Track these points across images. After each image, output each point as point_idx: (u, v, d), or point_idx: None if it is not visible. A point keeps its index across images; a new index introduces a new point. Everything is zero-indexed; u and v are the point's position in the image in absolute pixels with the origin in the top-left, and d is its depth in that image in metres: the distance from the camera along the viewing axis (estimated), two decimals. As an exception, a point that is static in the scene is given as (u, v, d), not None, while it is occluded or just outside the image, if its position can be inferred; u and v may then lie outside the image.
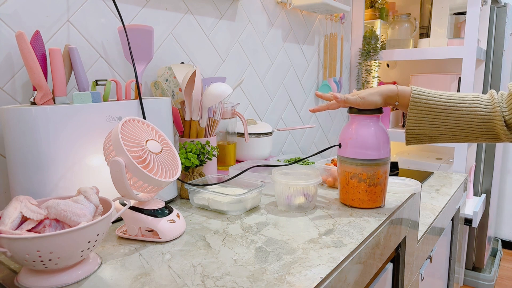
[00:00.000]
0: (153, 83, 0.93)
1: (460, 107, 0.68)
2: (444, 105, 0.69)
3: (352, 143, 0.75)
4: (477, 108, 0.68)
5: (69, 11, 0.77)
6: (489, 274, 1.97)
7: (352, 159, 0.75)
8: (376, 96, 0.72)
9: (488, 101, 0.68)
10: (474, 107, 0.68)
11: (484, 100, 0.69)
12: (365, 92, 0.74)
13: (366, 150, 0.74)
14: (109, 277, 0.52)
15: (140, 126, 0.64)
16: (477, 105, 0.68)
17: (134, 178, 0.59)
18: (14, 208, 0.52)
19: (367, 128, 0.75)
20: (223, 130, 1.07)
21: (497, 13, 1.82)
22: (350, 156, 0.75)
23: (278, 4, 1.37)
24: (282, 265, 0.54)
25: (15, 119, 0.60)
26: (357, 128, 0.76)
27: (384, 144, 0.74)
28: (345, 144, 0.76)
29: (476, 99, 0.69)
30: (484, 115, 0.67)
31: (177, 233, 0.64)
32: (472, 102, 0.68)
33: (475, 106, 0.68)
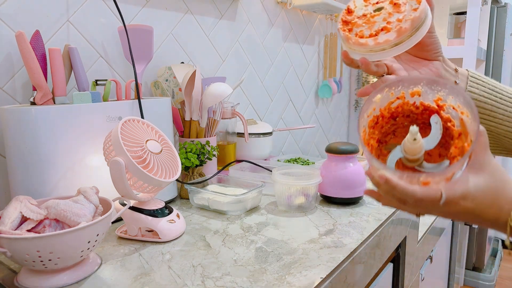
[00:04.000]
0: (153, 83, 0.93)
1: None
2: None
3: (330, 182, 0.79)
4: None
5: (68, 11, 0.77)
6: (489, 274, 1.97)
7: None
8: None
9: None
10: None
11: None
12: None
13: (343, 190, 0.78)
14: (109, 277, 0.52)
15: (140, 126, 0.63)
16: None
17: (134, 178, 0.59)
18: (14, 208, 0.52)
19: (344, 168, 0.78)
20: (223, 130, 1.07)
21: (497, 13, 1.82)
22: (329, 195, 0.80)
23: (278, 4, 1.37)
24: (282, 265, 0.54)
25: (15, 119, 0.60)
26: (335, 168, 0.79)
27: (360, 183, 0.78)
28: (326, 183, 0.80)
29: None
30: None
31: (177, 233, 0.64)
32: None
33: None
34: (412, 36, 0.44)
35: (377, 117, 0.43)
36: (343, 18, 0.48)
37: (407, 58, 0.53)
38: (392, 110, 0.43)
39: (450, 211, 0.39)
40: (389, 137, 0.45)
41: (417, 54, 0.52)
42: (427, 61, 0.52)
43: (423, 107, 0.42)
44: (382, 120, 0.43)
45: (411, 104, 0.43)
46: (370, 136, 0.43)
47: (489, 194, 0.37)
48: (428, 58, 0.52)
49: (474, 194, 0.37)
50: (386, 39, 0.44)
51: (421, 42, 0.47)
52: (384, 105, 0.43)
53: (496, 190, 0.37)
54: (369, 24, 0.46)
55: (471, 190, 0.37)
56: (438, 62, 0.52)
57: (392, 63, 0.51)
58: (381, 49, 0.45)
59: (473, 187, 0.37)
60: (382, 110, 0.43)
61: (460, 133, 0.38)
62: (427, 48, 0.51)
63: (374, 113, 0.43)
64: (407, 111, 0.43)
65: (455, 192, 0.37)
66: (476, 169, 0.38)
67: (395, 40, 0.44)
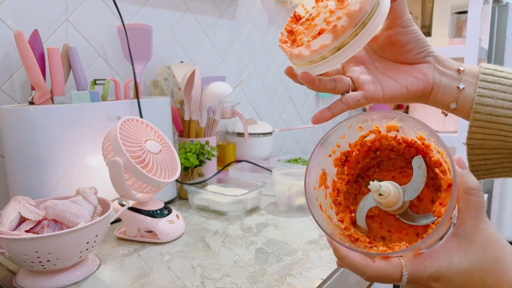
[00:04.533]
0: (152, 82, 0.92)
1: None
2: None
3: None
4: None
5: (67, 10, 0.77)
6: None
7: None
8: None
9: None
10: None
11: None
12: None
13: None
14: (108, 278, 0.52)
15: (139, 126, 0.63)
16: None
17: (133, 179, 0.59)
18: (13, 208, 0.52)
19: None
20: (222, 130, 1.06)
21: (498, 12, 1.81)
22: None
23: (278, 3, 1.37)
24: (282, 266, 0.54)
25: (13, 119, 0.60)
26: None
27: None
28: None
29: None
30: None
31: (177, 234, 0.64)
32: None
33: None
34: (359, 35, 0.35)
35: (345, 154, 0.37)
36: (287, 27, 0.40)
37: (383, 65, 0.41)
38: (368, 144, 0.37)
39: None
40: (372, 171, 0.39)
41: (396, 58, 0.40)
42: (409, 66, 0.40)
43: (405, 144, 0.35)
44: (357, 155, 0.37)
45: (391, 138, 0.36)
46: (338, 176, 0.37)
47: (476, 279, 0.29)
48: (410, 61, 0.40)
49: (452, 276, 0.29)
50: (322, 44, 0.35)
51: (394, 41, 0.38)
52: (355, 139, 0.37)
53: (485, 274, 0.28)
54: (310, 29, 0.37)
55: (446, 270, 0.29)
56: (426, 65, 0.39)
57: (360, 75, 0.40)
58: (321, 58, 0.36)
59: (450, 267, 0.28)
60: (352, 145, 0.37)
61: (450, 185, 0.31)
62: (405, 49, 0.39)
63: (339, 149, 0.37)
64: (387, 145, 0.37)
65: (424, 272, 0.29)
66: (461, 241, 0.29)
67: (333, 44, 0.34)
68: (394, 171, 0.38)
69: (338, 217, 0.36)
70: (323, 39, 0.35)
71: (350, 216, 0.37)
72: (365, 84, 0.39)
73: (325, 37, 0.34)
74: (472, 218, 0.29)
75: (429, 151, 0.34)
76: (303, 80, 0.38)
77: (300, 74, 0.38)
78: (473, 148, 0.40)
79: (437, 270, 0.29)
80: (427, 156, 0.34)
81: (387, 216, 0.36)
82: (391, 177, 0.38)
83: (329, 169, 0.37)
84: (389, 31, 0.39)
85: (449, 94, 0.40)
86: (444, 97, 0.40)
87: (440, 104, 0.41)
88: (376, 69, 0.40)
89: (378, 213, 0.37)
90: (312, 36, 0.36)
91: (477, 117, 0.38)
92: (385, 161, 0.38)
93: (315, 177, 0.36)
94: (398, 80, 0.39)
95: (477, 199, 0.29)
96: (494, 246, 0.29)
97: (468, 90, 0.39)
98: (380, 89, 0.39)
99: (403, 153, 0.37)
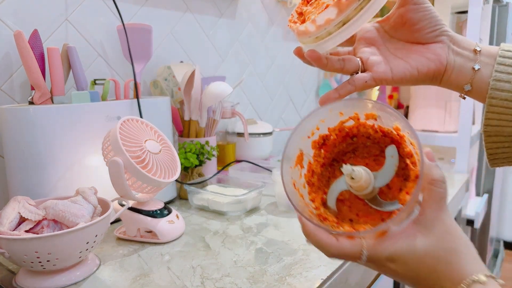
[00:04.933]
0: (152, 82, 0.92)
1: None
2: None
3: None
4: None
5: (67, 10, 0.77)
6: (490, 274, 1.97)
7: None
8: None
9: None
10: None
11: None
12: None
13: None
14: (107, 278, 0.52)
15: (139, 126, 0.63)
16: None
17: (133, 179, 0.59)
18: (12, 208, 0.52)
19: None
20: (222, 130, 1.06)
21: (498, 12, 1.81)
22: None
23: (279, 2, 1.37)
24: (282, 267, 0.54)
25: (13, 119, 0.60)
26: None
27: None
28: None
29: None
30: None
31: (177, 234, 0.64)
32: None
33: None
34: (364, 9, 0.34)
35: (323, 137, 0.38)
36: (297, 9, 0.40)
37: (395, 45, 0.39)
38: (346, 130, 0.38)
39: (377, 270, 0.33)
40: (348, 156, 0.40)
41: (408, 38, 0.38)
42: (421, 46, 0.38)
43: (381, 133, 0.36)
44: (335, 140, 0.38)
45: (368, 126, 0.37)
46: (314, 159, 0.38)
47: (428, 264, 0.30)
48: (422, 41, 0.38)
49: (407, 259, 0.30)
50: (327, 19, 0.34)
51: (406, 20, 0.37)
52: (335, 124, 0.37)
53: (438, 261, 0.30)
54: (318, 8, 0.37)
55: (403, 253, 0.30)
56: (439, 45, 0.37)
57: (370, 56, 0.38)
58: (327, 34, 0.35)
59: (407, 251, 0.30)
60: (331, 129, 0.38)
61: (418, 176, 0.32)
62: (417, 27, 0.37)
63: (318, 132, 0.37)
64: (364, 133, 0.37)
65: (382, 253, 0.31)
66: (421, 228, 0.30)
67: (338, 18, 0.34)
68: (369, 158, 0.39)
69: (310, 196, 0.38)
70: (328, 13, 0.34)
71: (322, 197, 0.38)
72: (374, 66, 0.38)
73: (330, 11, 0.34)
74: (433, 208, 0.30)
75: (403, 142, 0.34)
76: (309, 58, 0.37)
77: (307, 52, 0.37)
78: (490, 135, 0.38)
79: (394, 252, 0.30)
80: (401, 147, 0.35)
81: (356, 200, 0.37)
82: (365, 164, 0.39)
83: (306, 150, 0.38)
84: (401, 9, 0.37)
85: (464, 75, 0.37)
86: (458, 79, 0.38)
87: (454, 86, 0.38)
88: (388, 50, 0.39)
89: (349, 197, 0.38)
90: (319, 13, 0.36)
91: (493, 102, 0.36)
92: (360, 148, 0.39)
93: (293, 156, 0.37)
94: (409, 61, 0.38)
95: (440, 190, 0.30)
96: (450, 237, 0.30)
97: (484, 71, 0.37)
98: (389, 70, 0.37)
99: (378, 142, 0.38)
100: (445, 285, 0.30)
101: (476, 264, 0.30)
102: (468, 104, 1.38)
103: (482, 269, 0.30)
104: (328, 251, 0.32)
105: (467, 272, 0.29)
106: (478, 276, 0.29)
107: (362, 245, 0.31)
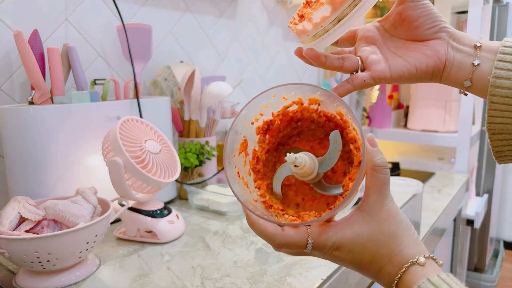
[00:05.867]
0: (152, 82, 0.92)
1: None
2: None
3: None
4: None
5: (67, 10, 0.77)
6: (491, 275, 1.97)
7: None
8: None
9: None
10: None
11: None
12: None
13: None
14: (107, 279, 0.52)
15: (139, 126, 0.63)
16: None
17: (133, 179, 0.59)
18: (12, 208, 0.52)
19: None
20: (222, 130, 1.06)
21: (499, 12, 1.81)
22: None
23: (279, 2, 1.37)
24: (282, 267, 0.54)
25: (13, 119, 0.60)
26: None
27: None
28: None
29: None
30: None
31: (176, 234, 0.64)
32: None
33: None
34: (358, 5, 0.35)
35: (267, 123, 0.38)
36: (299, 12, 0.41)
37: (395, 44, 0.39)
38: (290, 115, 0.38)
39: (322, 257, 0.33)
40: (293, 140, 0.40)
41: (407, 36, 0.38)
42: (420, 43, 0.38)
43: (325, 118, 0.37)
44: (279, 124, 0.38)
45: (312, 110, 0.37)
46: (259, 145, 0.38)
47: (371, 250, 0.31)
48: (421, 38, 0.37)
49: (351, 246, 0.31)
50: (322, 16, 0.35)
51: (404, 17, 0.37)
52: (278, 110, 0.38)
53: (379, 246, 0.31)
54: (316, 8, 0.38)
55: (347, 240, 0.31)
56: (438, 41, 0.37)
57: (370, 54, 0.38)
58: (323, 31, 0.36)
59: (351, 238, 0.31)
60: (275, 114, 0.38)
61: (360, 162, 0.32)
62: (415, 24, 0.37)
63: (262, 118, 0.38)
64: (308, 117, 0.38)
65: (327, 241, 0.31)
66: (364, 214, 0.31)
67: (333, 15, 0.35)
68: (313, 141, 0.39)
69: (255, 184, 0.38)
70: (323, 11, 0.35)
71: (267, 183, 0.38)
72: (373, 64, 0.38)
73: (325, 8, 0.35)
74: (375, 193, 0.31)
75: (347, 127, 0.35)
76: (308, 56, 0.37)
77: (305, 50, 0.37)
78: (494, 133, 0.37)
79: (338, 240, 0.31)
80: (345, 132, 0.36)
81: (302, 185, 0.38)
82: (310, 147, 0.39)
83: (250, 136, 0.38)
84: (399, 7, 0.38)
85: (463, 71, 0.37)
86: (458, 75, 0.37)
87: (454, 82, 0.38)
88: (388, 48, 0.39)
89: (295, 182, 0.39)
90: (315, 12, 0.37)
91: (494, 99, 0.35)
92: (305, 131, 0.40)
93: (235, 143, 0.37)
94: (407, 58, 0.38)
95: (382, 176, 0.31)
96: (391, 221, 0.31)
97: (484, 67, 0.36)
98: (388, 69, 0.37)
99: (323, 126, 0.39)
100: (387, 269, 0.31)
101: (416, 246, 0.31)
102: (468, 104, 1.38)
103: (422, 251, 0.31)
104: (274, 241, 0.32)
105: (407, 256, 0.30)
106: (417, 258, 0.30)
107: (308, 234, 0.32)
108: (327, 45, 0.38)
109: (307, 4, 0.41)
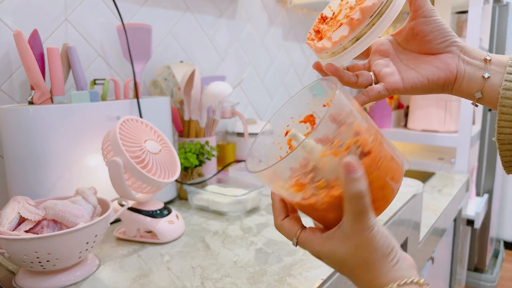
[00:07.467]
0: (152, 82, 0.92)
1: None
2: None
3: None
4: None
5: (67, 10, 0.76)
6: (491, 275, 1.97)
7: None
8: None
9: None
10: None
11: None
12: None
13: None
14: (107, 279, 0.52)
15: (139, 126, 0.63)
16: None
17: (133, 179, 0.59)
18: (12, 208, 0.52)
19: None
20: (222, 130, 1.06)
21: (499, 12, 1.81)
22: None
23: (278, 2, 1.36)
24: (282, 267, 0.54)
25: (13, 119, 0.60)
26: None
27: None
28: None
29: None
30: None
31: (176, 234, 0.64)
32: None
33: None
34: (376, 25, 0.37)
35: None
36: (314, 28, 0.43)
37: (407, 57, 0.41)
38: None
39: (315, 256, 0.36)
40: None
41: (419, 49, 0.41)
42: (432, 56, 0.40)
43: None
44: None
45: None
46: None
47: (348, 265, 0.33)
48: (433, 51, 0.40)
49: (330, 259, 0.34)
50: (341, 36, 0.38)
51: (417, 32, 0.39)
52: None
53: (355, 267, 0.33)
54: (333, 26, 0.41)
55: (327, 254, 0.34)
56: (449, 55, 0.39)
57: (383, 68, 0.41)
58: (342, 49, 0.39)
59: (330, 253, 0.33)
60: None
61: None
62: (427, 39, 0.39)
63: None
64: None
65: (310, 249, 0.34)
66: (343, 233, 0.32)
67: (351, 35, 0.37)
68: None
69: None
70: (342, 31, 0.37)
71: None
72: (386, 77, 0.40)
73: (343, 28, 0.37)
74: (351, 221, 0.31)
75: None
76: (327, 71, 0.40)
77: (325, 65, 0.40)
78: (504, 143, 0.39)
79: (320, 252, 0.34)
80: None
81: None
82: None
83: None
84: (411, 22, 0.40)
85: (474, 83, 0.39)
86: (469, 87, 0.39)
87: (465, 94, 0.40)
88: (401, 61, 0.41)
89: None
90: (334, 31, 0.39)
91: (504, 110, 0.37)
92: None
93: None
94: (419, 70, 0.40)
95: (358, 206, 0.31)
96: (365, 249, 0.32)
97: (494, 79, 0.38)
98: (401, 80, 0.40)
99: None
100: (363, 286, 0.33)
101: (390, 274, 0.32)
102: (468, 104, 1.38)
103: (397, 278, 0.31)
104: (275, 221, 0.37)
105: (379, 285, 0.32)
106: (390, 287, 0.31)
107: (296, 234, 0.35)
108: (345, 62, 0.40)
109: (323, 20, 0.43)
